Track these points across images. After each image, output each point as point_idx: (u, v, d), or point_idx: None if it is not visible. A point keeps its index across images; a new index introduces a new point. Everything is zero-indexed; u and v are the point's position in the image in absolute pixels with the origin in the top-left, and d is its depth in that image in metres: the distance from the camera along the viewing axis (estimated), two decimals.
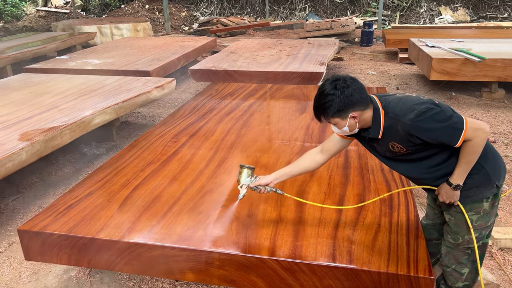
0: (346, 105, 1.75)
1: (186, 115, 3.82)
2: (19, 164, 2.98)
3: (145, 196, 2.36)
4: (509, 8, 12.93)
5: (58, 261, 2.12)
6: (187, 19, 14.25)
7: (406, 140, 1.76)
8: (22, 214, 3.32)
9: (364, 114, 1.80)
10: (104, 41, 9.78)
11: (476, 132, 1.69)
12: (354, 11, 14.07)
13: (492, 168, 1.84)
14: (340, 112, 1.76)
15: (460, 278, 2.01)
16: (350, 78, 1.78)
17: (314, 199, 2.28)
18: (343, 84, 1.75)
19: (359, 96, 1.76)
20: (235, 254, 1.86)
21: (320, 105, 1.80)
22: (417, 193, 3.34)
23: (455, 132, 1.69)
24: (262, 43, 7.56)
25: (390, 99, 1.82)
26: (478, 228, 1.91)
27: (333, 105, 1.75)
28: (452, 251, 2.00)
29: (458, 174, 1.78)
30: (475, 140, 1.69)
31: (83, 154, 4.38)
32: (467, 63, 5.36)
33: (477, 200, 1.85)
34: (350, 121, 1.79)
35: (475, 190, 1.84)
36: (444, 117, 1.70)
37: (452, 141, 1.71)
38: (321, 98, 1.79)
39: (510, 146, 4.27)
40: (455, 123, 1.69)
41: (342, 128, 1.83)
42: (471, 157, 1.74)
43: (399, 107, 1.77)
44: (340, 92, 1.74)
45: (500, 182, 1.86)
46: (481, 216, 1.88)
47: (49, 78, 5.10)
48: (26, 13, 14.82)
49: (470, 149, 1.71)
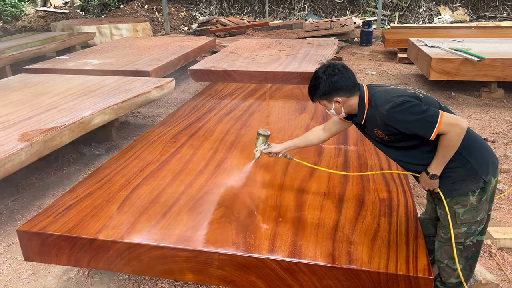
0: (330, 89, 1.95)
1: (185, 115, 3.82)
2: (18, 164, 2.98)
3: (145, 197, 2.36)
4: (508, 8, 12.94)
5: (58, 262, 2.12)
6: (186, 19, 14.24)
7: (385, 129, 1.89)
8: (22, 215, 3.32)
9: (349, 101, 1.98)
10: (103, 41, 9.78)
11: (450, 127, 1.77)
12: (354, 11, 14.07)
13: (478, 162, 1.88)
14: (326, 95, 1.98)
15: (453, 274, 2.02)
16: (341, 66, 1.97)
17: (313, 198, 2.28)
18: (331, 71, 1.95)
19: (344, 84, 1.94)
20: (235, 254, 1.86)
21: (311, 87, 2.03)
22: (416, 193, 3.34)
23: (428, 125, 1.78)
24: (261, 43, 7.56)
25: (377, 90, 1.97)
26: (466, 222, 1.93)
27: (319, 88, 1.97)
28: (443, 246, 2.02)
29: (435, 165, 1.87)
30: (450, 135, 1.77)
31: (82, 154, 4.37)
32: (466, 63, 5.36)
33: (462, 194, 1.90)
34: (335, 105, 2.00)
35: (460, 183, 1.89)
36: (419, 110, 1.80)
37: (426, 134, 1.80)
38: (312, 80, 2.01)
39: (509, 146, 4.27)
40: (429, 116, 1.78)
41: (330, 110, 2.04)
42: (446, 150, 1.82)
43: (380, 98, 1.91)
44: (327, 77, 1.95)
45: (487, 177, 1.88)
46: (468, 209, 1.91)
47: (48, 79, 5.10)
48: (25, 13, 14.81)
49: (445, 142, 1.80)
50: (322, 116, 3.67)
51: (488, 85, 5.79)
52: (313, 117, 3.65)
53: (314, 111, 3.82)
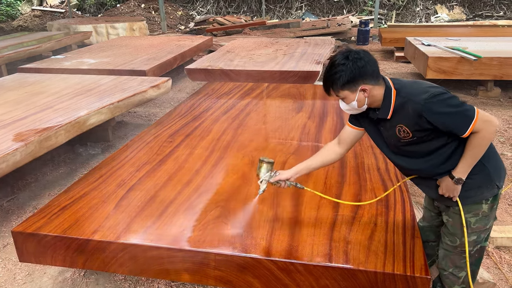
0: (356, 76, 1.72)
1: (182, 114, 3.81)
2: (13, 165, 2.95)
3: (141, 197, 2.34)
4: (505, 6, 12.97)
5: (53, 263, 2.10)
6: (183, 18, 14.21)
7: (415, 122, 1.71)
8: (17, 215, 3.30)
9: (374, 90, 1.76)
10: (99, 41, 9.74)
11: (485, 124, 1.64)
12: (350, 10, 14.08)
13: (494, 168, 1.80)
14: (350, 83, 1.73)
15: (457, 281, 1.97)
16: (363, 51, 1.75)
17: (310, 199, 2.27)
18: (356, 55, 1.72)
19: (371, 68, 1.73)
20: (231, 254, 1.85)
21: (330, 76, 1.76)
22: (413, 192, 3.34)
23: (465, 120, 1.64)
24: (258, 42, 7.55)
25: (403, 81, 1.81)
26: (476, 231, 1.85)
27: (343, 76, 1.72)
28: (449, 255, 1.95)
29: (461, 167, 1.73)
30: (483, 133, 1.64)
31: (78, 154, 4.35)
32: (463, 61, 5.37)
33: (476, 201, 1.81)
34: (360, 95, 1.76)
35: (476, 190, 1.79)
36: (457, 103, 1.67)
37: (461, 130, 1.66)
38: (332, 68, 1.75)
39: (506, 145, 4.28)
40: (467, 110, 1.65)
41: (351, 103, 1.79)
42: (477, 150, 1.68)
43: (412, 88, 1.75)
44: (352, 62, 1.71)
45: (500, 183, 1.81)
46: (480, 218, 1.83)
47: (44, 78, 5.07)
48: (21, 13, 14.74)
49: (477, 141, 1.66)
50: (319, 116, 3.66)
51: (485, 84, 5.80)
52: (310, 116, 3.64)
53: (311, 110, 3.81)
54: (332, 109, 3.86)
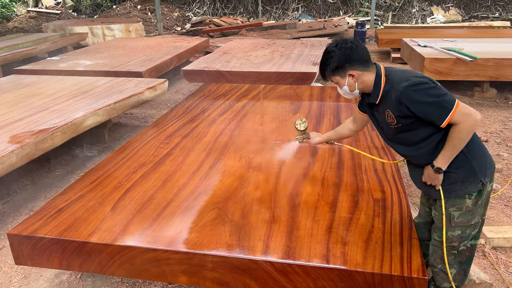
0: (344, 61, 1.89)
1: (178, 116, 3.80)
2: (9, 167, 2.94)
3: (137, 199, 2.33)
4: (500, 7, 13.04)
5: (49, 265, 2.09)
6: (179, 20, 14.20)
7: (396, 108, 1.81)
8: (13, 218, 3.28)
9: (364, 76, 1.91)
10: (95, 42, 9.71)
11: (464, 116, 1.69)
12: (347, 11, 14.11)
13: (479, 164, 1.84)
14: (339, 69, 1.91)
15: (447, 278, 1.99)
16: (354, 41, 1.92)
17: (307, 199, 2.27)
18: (344, 44, 1.90)
19: (357, 56, 1.89)
20: (228, 256, 1.85)
21: (322, 63, 1.95)
22: (410, 193, 3.34)
23: (443, 110, 1.71)
24: (255, 44, 7.55)
25: (394, 69, 1.93)
26: (460, 225, 1.89)
27: (332, 62, 1.90)
28: (437, 250, 1.99)
29: (441, 158, 1.80)
30: (462, 125, 1.70)
31: (74, 156, 4.34)
32: (459, 62, 5.39)
33: (460, 196, 1.85)
34: (349, 80, 1.92)
35: (460, 184, 1.84)
36: (436, 93, 1.73)
37: (438, 119, 1.73)
38: (324, 55, 1.95)
39: (502, 145, 4.29)
40: (445, 102, 1.71)
41: (343, 88, 1.96)
42: (456, 142, 1.74)
43: (398, 76, 1.86)
44: (339, 50, 1.89)
45: (485, 179, 1.85)
46: (463, 213, 1.88)
47: (39, 80, 5.05)
48: (16, 14, 14.68)
49: (456, 133, 1.72)
50: (316, 117, 3.66)
51: (481, 85, 5.82)
52: (307, 117, 3.64)
53: (308, 112, 3.82)
54: (329, 110, 3.86)
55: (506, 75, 5.38)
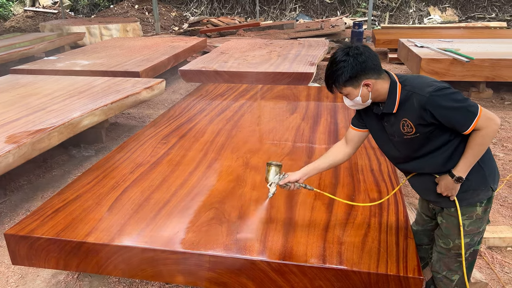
0: (359, 71, 1.71)
1: (176, 116, 3.80)
2: (6, 167, 2.93)
3: (135, 199, 2.34)
4: (497, 8, 13.09)
5: (46, 265, 2.09)
6: (177, 19, 14.18)
7: (418, 116, 1.69)
8: (10, 218, 3.27)
9: (377, 84, 1.75)
10: (93, 42, 9.69)
11: (488, 121, 1.62)
12: (344, 11, 14.13)
13: (489, 170, 1.80)
14: (353, 79, 1.73)
15: (450, 284, 1.98)
16: (363, 46, 1.75)
17: (304, 200, 2.28)
18: (356, 51, 1.72)
19: (372, 63, 1.73)
20: (225, 256, 1.86)
21: (332, 73, 1.75)
22: (406, 193, 3.36)
23: (468, 115, 1.62)
24: (252, 44, 7.56)
25: (407, 75, 1.81)
26: (470, 234, 1.85)
27: (345, 72, 1.71)
28: (443, 258, 1.95)
29: (462, 166, 1.71)
30: (486, 130, 1.63)
31: (71, 156, 4.33)
32: (456, 63, 5.41)
33: (471, 204, 1.80)
34: (363, 90, 1.75)
35: (472, 192, 1.78)
36: (461, 98, 1.65)
37: (464, 125, 1.64)
38: (333, 65, 1.75)
39: (497, 145, 4.32)
40: (471, 106, 1.63)
41: (355, 99, 1.78)
42: (479, 148, 1.67)
43: (417, 81, 1.75)
44: (353, 58, 1.70)
45: (495, 186, 1.82)
46: (474, 221, 1.83)
47: (36, 80, 5.04)
48: (13, 14, 14.63)
49: (479, 139, 1.65)
50: (313, 117, 3.67)
51: (477, 85, 5.85)
52: (304, 118, 3.65)
53: (305, 112, 3.82)
54: (326, 110, 3.87)
55: (502, 76, 5.41)
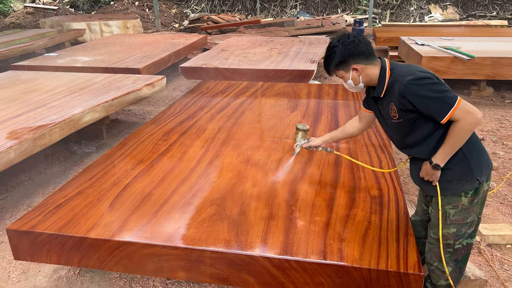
0: (347, 56, 1.91)
1: (176, 113, 3.81)
2: (7, 163, 2.94)
3: (136, 195, 2.34)
4: (498, 6, 13.07)
5: (48, 261, 2.10)
6: (177, 16, 14.16)
7: (399, 102, 1.83)
8: (11, 214, 3.28)
9: (367, 69, 1.93)
10: (93, 38, 9.69)
11: (466, 114, 1.70)
12: (345, 9, 14.11)
13: (476, 162, 1.85)
14: (342, 63, 1.94)
15: (443, 276, 2.00)
16: (356, 35, 1.95)
17: (305, 196, 2.29)
18: (346, 39, 1.93)
19: (361, 49, 1.91)
20: (226, 252, 1.87)
21: (326, 58, 1.98)
22: (407, 190, 3.37)
23: (444, 106, 1.71)
24: (253, 41, 7.55)
25: (398, 64, 1.94)
26: (455, 223, 1.90)
27: (336, 57, 1.93)
28: (433, 248, 1.99)
29: (440, 154, 1.81)
30: (463, 123, 1.71)
31: (72, 152, 4.34)
32: (456, 61, 5.41)
33: (456, 193, 1.86)
34: (353, 73, 1.95)
35: (456, 182, 1.85)
36: (439, 89, 1.73)
37: (439, 115, 1.74)
38: (327, 51, 1.98)
39: (498, 144, 4.32)
40: (447, 98, 1.72)
41: (348, 82, 1.98)
42: (456, 139, 1.76)
43: (402, 69, 1.88)
44: (342, 45, 1.92)
45: (482, 178, 1.86)
46: (459, 211, 1.88)
47: (37, 76, 5.04)
48: (13, 10, 14.61)
49: (456, 130, 1.73)
50: (314, 115, 3.68)
51: (478, 84, 5.85)
52: (304, 115, 3.66)
53: (306, 109, 3.83)
54: (326, 108, 3.88)
55: (503, 74, 5.41)
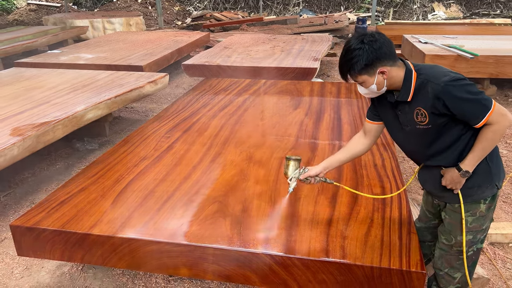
0: (374, 58, 1.69)
1: (179, 110, 3.81)
2: (10, 159, 2.95)
3: (139, 192, 2.35)
4: (501, 5, 13.01)
5: (51, 257, 2.11)
6: (180, 14, 14.15)
7: (431, 105, 1.68)
8: (14, 210, 3.30)
9: (393, 71, 1.74)
10: (96, 36, 9.69)
11: (501, 117, 1.62)
12: (348, 6, 14.07)
13: (495, 167, 1.79)
14: (368, 67, 1.71)
15: (452, 281, 1.98)
16: (377, 33, 1.73)
17: (308, 195, 2.29)
18: (371, 38, 1.70)
19: (387, 50, 1.71)
20: (229, 249, 1.87)
21: (347, 61, 1.73)
22: (409, 189, 3.36)
23: (482, 108, 1.62)
24: (255, 39, 7.54)
25: (422, 64, 1.79)
26: (472, 231, 1.85)
27: (360, 60, 1.69)
28: (445, 255, 1.95)
29: (470, 160, 1.70)
30: (497, 126, 1.62)
31: (75, 149, 4.35)
32: (460, 59, 5.39)
33: (476, 200, 1.80)
34: (379, 77, 1.73)
35: (477, 189, 1.78)
36: (475, 90, 1.64)
37: (476, 118, 1.63)
38: (348, 54, 1.72)
39: (501, 142, 4.31)
40: (485, 100, 1.62)
41: (370, 87, 1.76)
42: (488, 143, 1.66)
43: (432, 70, 1.73)
44: (368, 45, 1.69)
45: (500, 183, 1.81)
46: (477, 218, 1.83)
47: (40, 73, 5.05)
48: (16, 7, 14.63)
49: (490, 134, 1.64)
50: (316, 113, 3.67)
51: (481, 82, 5.82)
52: (307, 113, 3.66)
53: (309, 107, 3.83)
54: (329, 106, 3.87)
55: (507, 73, 5.39)
